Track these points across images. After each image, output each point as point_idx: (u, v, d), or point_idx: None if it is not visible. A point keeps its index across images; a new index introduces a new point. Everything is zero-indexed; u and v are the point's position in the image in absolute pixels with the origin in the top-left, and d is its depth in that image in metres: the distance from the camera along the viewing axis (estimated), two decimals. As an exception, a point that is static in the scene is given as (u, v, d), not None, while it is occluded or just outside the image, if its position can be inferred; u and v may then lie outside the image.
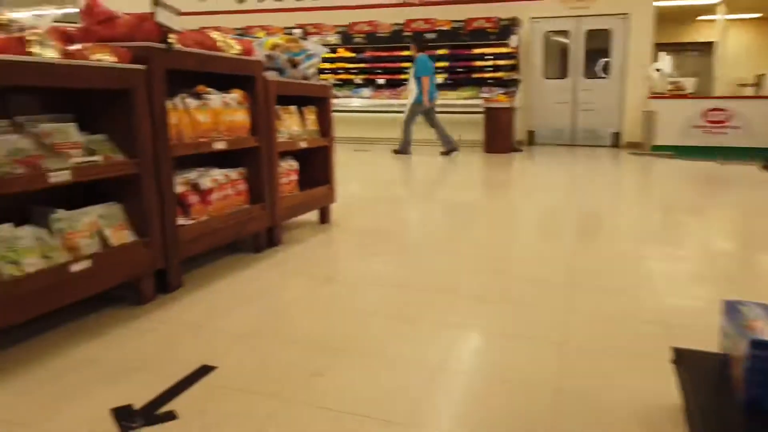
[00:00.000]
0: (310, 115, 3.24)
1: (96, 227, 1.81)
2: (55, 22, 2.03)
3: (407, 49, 10.46)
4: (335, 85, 10.89)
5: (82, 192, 1.99)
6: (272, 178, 2.73)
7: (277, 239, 2.83)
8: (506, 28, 9.70)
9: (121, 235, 1.88)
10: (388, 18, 10.53)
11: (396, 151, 8.64)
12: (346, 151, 8.95)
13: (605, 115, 10.24)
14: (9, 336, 1.66)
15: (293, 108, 3.09)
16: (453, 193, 4.96)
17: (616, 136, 10.21)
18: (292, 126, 3.02)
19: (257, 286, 2.22)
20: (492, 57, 9.91)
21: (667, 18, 12.96)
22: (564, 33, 10.39)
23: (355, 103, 10.35)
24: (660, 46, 12.61)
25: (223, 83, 2.57)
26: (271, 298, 2.11)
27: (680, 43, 13.60)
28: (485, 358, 1.67)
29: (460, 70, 10.23)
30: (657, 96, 9.43)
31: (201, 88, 2.35)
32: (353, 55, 10.77)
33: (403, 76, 10.50)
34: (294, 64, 3.06)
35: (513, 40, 9.48)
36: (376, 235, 3.20)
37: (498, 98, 9.14)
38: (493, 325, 1.88)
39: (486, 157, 8.36)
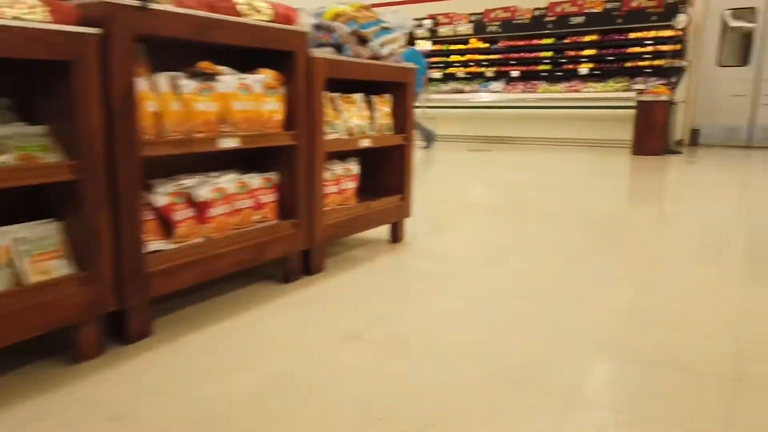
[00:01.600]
0: (383, 106, 2.55)
1: (5, 256, 1.29)
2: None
3: (549, 36, 9.33)
4: (463, 78, 10.09)
5: (20, 205, 1.51)
6: (312, 187, 2.09)
7: (316, 266, 2.18)
8: (672, 7, 8.15)
9: (45, 268, 1.35)
10: (529, 2, 9.45)
11: (425, 147, 8.12)
12: (458, 151, 8.12)
13: (799, 110, 8.24)
14: None
15: (357, 96, 2.42)
16: (573, 207, 3.97)
17: (814, 136, 8.15)
18: (353, 119, 2.35)
19: (247, 344, 1.58)
20: (652, 42, 8.42)
21: None
22: (749, 10, 8.52)
23: (485, 97, 9.44)
24: None
25: (254, 62, 1.98)
26: (250, 370, 1.46)
27: None
28: None
29: (611, 58, 8.85)
30: None
31: (205, 65, 1.77)
32: (486, 45, 9.86)
33: (540, 68, 9.40)
34: (362, 39, 2.39)
35: (680, 21, 7.92)
36: (458, 264, 2.42)
37: (656, 90, 7.68)
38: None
39: (632, 159, 7.02)
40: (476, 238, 2.87)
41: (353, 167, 2.42)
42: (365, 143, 2.39)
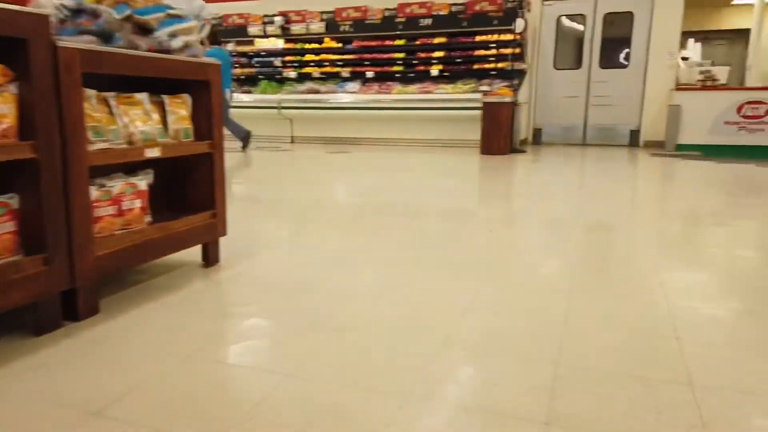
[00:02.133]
0: (178, 109, 2.16)
1: None
2: None
3: (400, 37, 9.37)
4: (319, 78, 9.84)
5: None
6: (71, 210, 1.66)
7: (88, 308, 1.75)
8: (512, 11, 8.54)
9: None
10: (379, 2, 9.42)
11: (243, 148, 7.81)
12: (316, 153, 7.88)
13: (623, 110, 9.05)
14: None
15: (141, 96, 2.01)
16: (417, 211, 3.85)
17: (635, 134, 9.00)
18: (135, 123, 1.94)
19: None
20: (495, 45, 8.76)
21: (695, 3, 11.68)
22: (579, 17, 9.20)
23: (341, 98, 9.26)
24: (687, 35, 11.38)
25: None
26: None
27: (708, 31, 12.31)
28: None
29: (459, 60, 9.09)
30: (684, 87, 8.23)
31: None
32: (340, 45, 9.69)
33: (394, 68, 9.42)
34: (142, 28, 1.98)
35: (518, 25, 8.31)
36: (268, 292, 2.11)
37: (500, 91, 7.99)
38: None
39: (480, 159, 7.23)
40: (302, 256, 2.58)
41: (141, 182, 2.01)
42: (153, 153, 1.98)
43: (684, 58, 8.97)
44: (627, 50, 8.90)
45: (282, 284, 2.16)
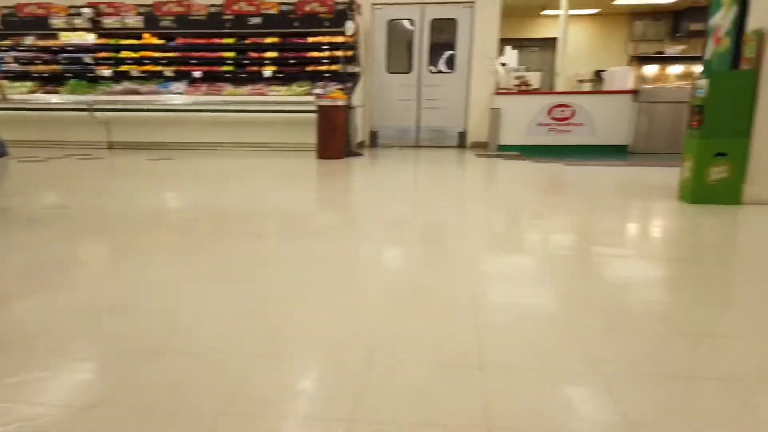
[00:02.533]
0: None
1: None
2: None
3: (229, 36, 8.89)
4: (139, 77, 8.99)
5: None
6: None
7: None
8: (342, 14, 8.49)
9: None
10: (204, -2, 8.84)
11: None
12: (135, 160, 7.16)
13: (451, 113, 9.49)
14: None
15: None
16: (229, 223, 3.57)
17: (463, 135, 9.49)
18: None
19: None
20: (328, 47, 8.66)
21: (511, 12, 12.65)
22: (408, 22, 9.45)
23: (165, 99, 8.52)
24: (505, 42, 12.23)
25: None
26: None
27: (523, 38, 13.44)
28: None
29: (293, 61, 8.85)
30: (502, 92, 8.82)
31: None
32: (162, 42, 8.92)
33: (224, 68, 8.91)
34: None
35: (349, 28, 8.29)
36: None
37: (334, 95, 7.90)
38: None
39: (317, 163, 7.08)
40: (67, 298, 2.17)
41: None
42: None
43: (502, 64, 9.63)
44: (453, 56, 9.33)
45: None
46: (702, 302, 2.29)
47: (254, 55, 8.90)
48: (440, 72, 9.41)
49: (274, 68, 8.85)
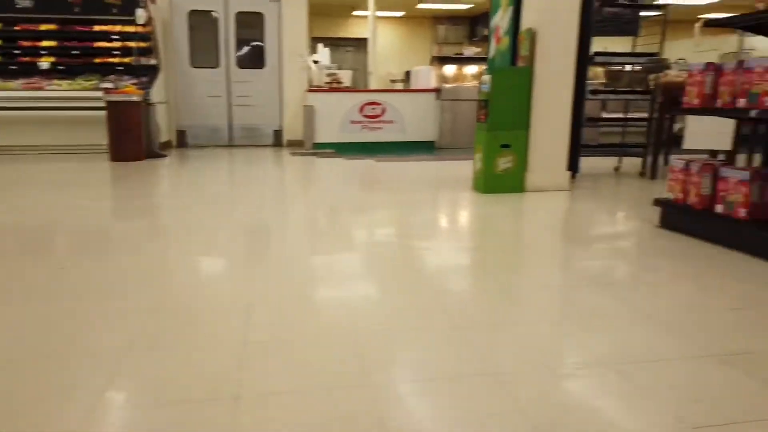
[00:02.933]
0: None
1: None
2: None
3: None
4: None
5: None
6: None
7: None
8: (133, 0, 7.66)
9: None
10: (-48, -28, 7.34)
11: None
12: None
13: (265, 110, 9.15)
14: None
15: None
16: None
17: (278, 133, 9.22)
18: None
19: None
20: (119, 37, 7.76)
21: (322, 10, 12.66)
22: (212, 14, 8.87)
23: None
24: (318, 41, 12.20)
25: None
26: None
27: (338, 38, 13.57)
28: None
29: (76, 52, 7.77)
30: (315, 89, 8.71)
31: None
32: None
33: (-14, 57, 7.51)
34: None
35: (140, 16, 7.51)
36: None
37: (126, 89, 7.08)
38: None
39: (109, 167, 6.28)
40: None
41: None
42: None
43: (315, 62, 9.54)
44: (263, 51, 8.99)
45: None
46: (482, 292, 2.33)
47: (26, 43, 7.65)
48: (250, 68, 9.01)
49: (52, 59, 7.69)
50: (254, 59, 9.01)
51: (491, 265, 2.71)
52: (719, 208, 2.99)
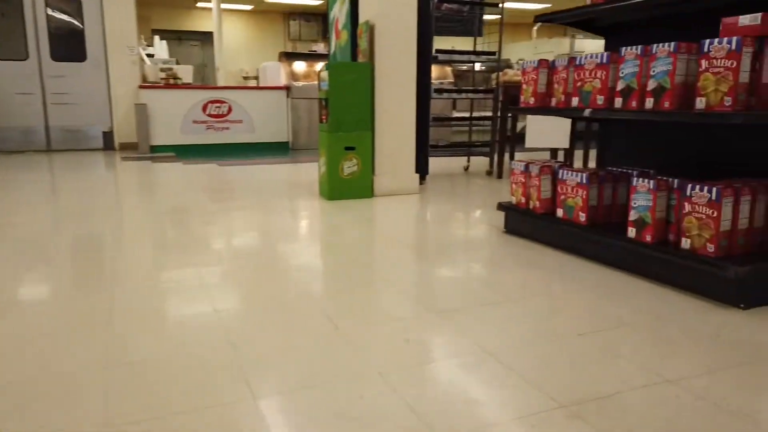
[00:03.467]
0: None
1: None
2: None
3: None
4: None
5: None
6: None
7: None
8: None
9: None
10: None
11: None
12: None
13: (89, 109, 8.02)
14: None
15: None
16: None
17: (109, 136, 8.14)
18: None
19: None
20: None
21: (162, 2, 11.55)
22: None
23: None
24: (160, 33, 11.17)
25: None
26: None
27: (182, 31, 12.49)
28: None
29: None
30: (149, 86, 7.80)
31: None
32: None
33: None
34: None
35: None
36: None
37: None
38: None
39: None
40: None
41: None
42: None
43: (149, 56, 8.57)
44: (83, 42, 7.85)
45: None
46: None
47: None
48: (68, 60, 7.82)
49: None
50: (73, 50, 7.84)
51: (318, 296, 2.31)
52: (560, 212, 2.88)
